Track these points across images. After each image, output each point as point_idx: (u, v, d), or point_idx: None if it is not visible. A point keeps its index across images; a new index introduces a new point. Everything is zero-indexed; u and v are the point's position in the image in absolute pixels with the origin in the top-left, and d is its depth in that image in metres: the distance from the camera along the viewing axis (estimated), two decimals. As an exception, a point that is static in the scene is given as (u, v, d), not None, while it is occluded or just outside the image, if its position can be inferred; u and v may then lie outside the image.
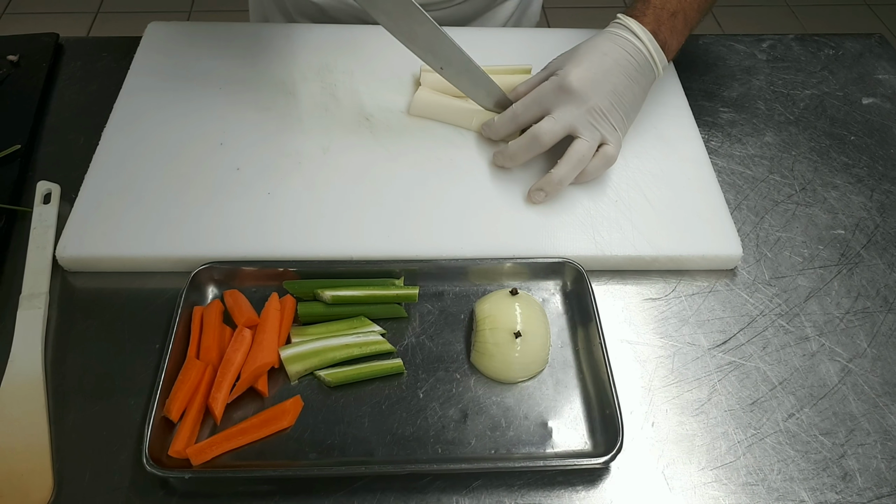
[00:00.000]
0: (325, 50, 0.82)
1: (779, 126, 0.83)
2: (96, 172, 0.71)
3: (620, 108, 0.70)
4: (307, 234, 0.67)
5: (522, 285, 0.66)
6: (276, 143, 0.74)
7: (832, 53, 0.93)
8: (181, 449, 0.53)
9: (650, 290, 0.67)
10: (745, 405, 0.60)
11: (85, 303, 0.64)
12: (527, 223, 0.69)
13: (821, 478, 0.56)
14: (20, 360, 0.59)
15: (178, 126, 0.75)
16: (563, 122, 0.68)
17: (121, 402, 0.57)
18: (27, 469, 0.53)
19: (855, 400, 0.60)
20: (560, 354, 0.61)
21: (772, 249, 0.71)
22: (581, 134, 0.68)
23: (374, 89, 0.81)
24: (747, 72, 0.90)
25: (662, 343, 0.63)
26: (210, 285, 0.64)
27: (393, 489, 0.54)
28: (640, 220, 0.70)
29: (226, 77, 0.81)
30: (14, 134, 0.75)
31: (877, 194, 0.77)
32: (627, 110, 0.71)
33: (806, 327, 0.65)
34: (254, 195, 0.70)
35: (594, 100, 0.68)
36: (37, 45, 0.86)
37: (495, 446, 0.56)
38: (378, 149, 0.75)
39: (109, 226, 0.67)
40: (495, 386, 0.59)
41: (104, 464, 0.54)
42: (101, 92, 0.81)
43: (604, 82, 0.68)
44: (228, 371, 0.57)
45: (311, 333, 0.60)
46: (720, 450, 0.57)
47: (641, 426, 0.58)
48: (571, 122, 0.68)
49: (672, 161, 0.75)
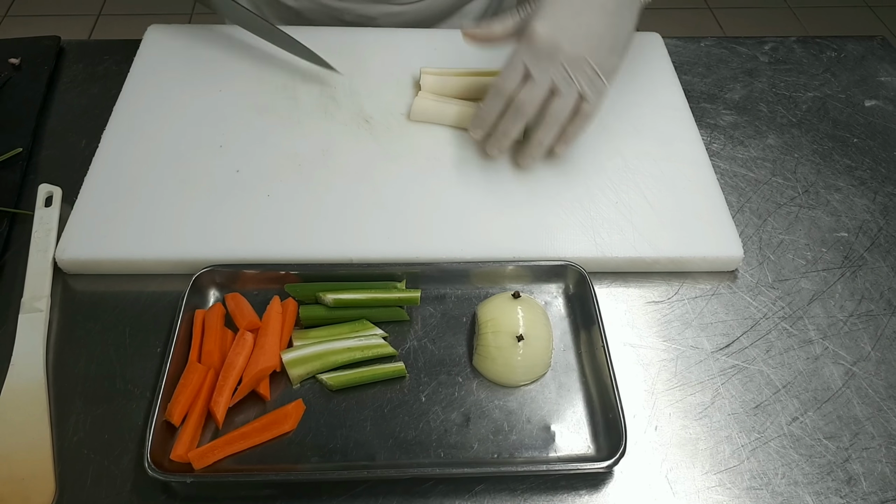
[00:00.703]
0: (324, 52, 0.82)
1: (781, 128, 0.83)
2: (96, 175, 0.71)
3: (600, 52, 0.64)
4: (307, 236, 0.67)
5: (525, 288, 0.65)
6: (276, 146, 0.74)
7: (834, 56, 0.93)
8: (183, 453, 0.53)
9: (653, 293, 0.67)
10: (748, 409, 0.59)
11: (86, 306, 0.64)
12: (527, 224, 0.69)
13: (825, 482, 0.56)
14: (22, 364, 0.59)
15: (178, 128, 0.75)
16: (542, 83, 0.64)
17: (122, 405, 0.57)
18: (29, 473, 0.53)
19: (859, 403, 0.60)
20: (563, 358, 0.61)
21: (775, 252, 0.71)
22: (558, 90, 0.64)
23: (373, 91, 0.81)
24: (749, 74, 0.90)
25: (665, 346, 0.63)
26: (211, 288, 0.63)
27: (395, 493, 0.54)
28: (641, 221, 0.70)
29: (226, 80, 0.81)
30: (16, 137, 0.75)
31: (880, 197, 0.76)
32: (609, 51, 0.65)
33: (809, 330, 0.65)
34: (254, 197, 0.69)
35: (567, 49, 0.63)
36: (38, 48, 0.86)
37: (498, 450, 0.56)
38: (378, 150, 0.75)
39: (109, 228, 0.66)
40: (498, 390, 0.59)
41: (106, 468, 0.54)
42: (102, 95, 0.81)
43: (574, 26, 0.63)
44: (230, 375, 0.57)
45: (313, 337, 0.60)
46: (724, 454, 0.57)
47: (645, 430, 0.58)
48: (550, 80, 0.64)
49: (672, 162, 0.75)
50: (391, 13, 0.92)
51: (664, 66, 0.87)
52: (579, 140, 0.71)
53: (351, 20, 0.92)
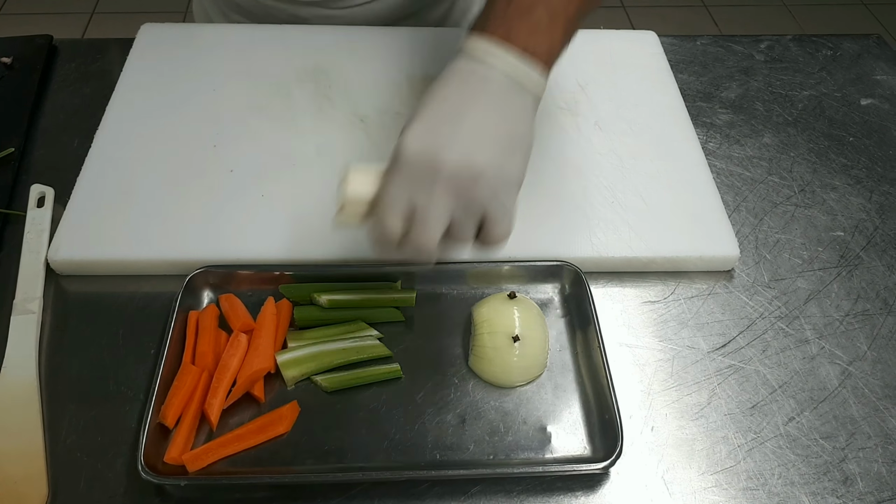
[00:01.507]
0: (319, 51, 0.82)
1: (777, 127, 0.83)
2: (89, 175, 0.70)
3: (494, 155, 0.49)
4: (302, 236, 0.66)
5: (521, 288, 0.65)
6: (270, 145, 0.74)
7: (830, 54, 0.93)
8: (177, 455, 0.52)
9: (649, 293, 0.67)
10: (744, 409, 0.59)
11: (79, 307, 0.63)
12: (522, 224, 0.68)
13: (821, 482, 0.56)
14: (14, 366, 0.58)
15: (171, 128, 0.75)
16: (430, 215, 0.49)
17: (116, 408, 0.57)
18: (22, 476, 0.53)
19: (855, 403, 0.60)
20: (559, 358, 0.61)
21: (771, 251, 0.71)
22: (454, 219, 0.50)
23: (368, 90, 0.80)
24: (745, 73, 0.90)
25: (661, 346, 0.63)
26: (205, 289, 0.63)
27: (391, 495, 0.53)
28: (637, 221, 0.69)
29: (219, 79, 0.80)
30: (7, 137, 0.75)
31: (876, 195, 0.76)
32: (508, 152, 0.50)
33: (806, 330, 0.65)
34: (248, 197, 0.69)
35: (450, 160, 0.48)
36: (31, 47, 0.85)
37: (494, 451, 0.55)
38: (373, 150, 0.74)
39: (102, 229, 0.66)
40: (493, 390, 0.59)
41: (99, 470, 0.54)
42: (95, 94, 0.81)
43: (454, 130, 0.49)
44: (224, 376, 0.56)
45: (308, 338, 0.60)
46: (720, 454, 0.57)
47: (641, 430, 0.58)
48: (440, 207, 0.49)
49: (668, 161, 0.75)
50: (323, 16, 0.89)
51: (660, 65, 0.86)
52: (575, 140, 0.71)
53: (285, 19, 0.89)
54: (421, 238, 0.50)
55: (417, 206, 0.49)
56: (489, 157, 0.49)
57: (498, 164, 0.49)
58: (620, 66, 0.86)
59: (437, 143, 0.48)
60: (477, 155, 0.49)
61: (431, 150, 0.48)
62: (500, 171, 0.50)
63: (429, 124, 0.49)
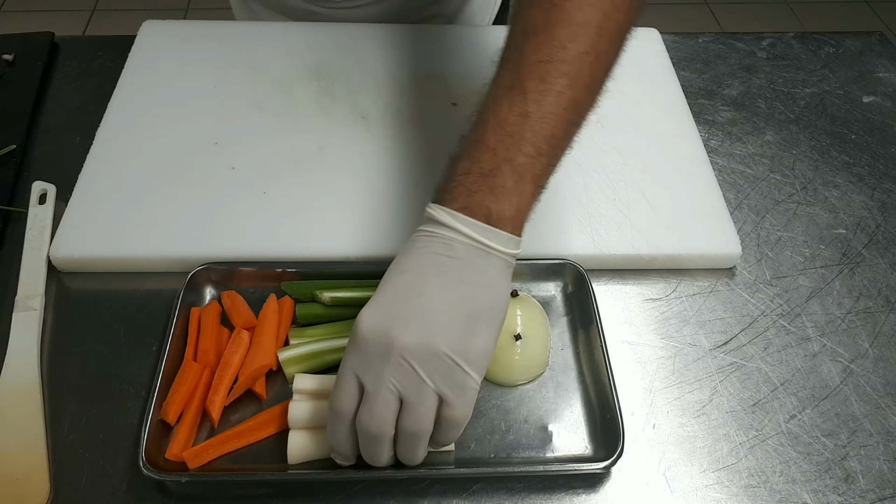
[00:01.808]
0: (321, 48, 0.82)
1: (779, 125, 0.83)
2: (91, 172, 0.70)
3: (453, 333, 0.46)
4: (304, 233, 0.66)
5: (522, 286, 0.65)
6: (271, 142, 0.74)
7: (832, 52, 0.93)
8: (178, 452, 0.52)
9: (651, 291, 0.67)
10: (746, 406, 0.59)
11: (81, 304, 0.63)
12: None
13: (823, 479, 0.55)
14: (16, 363, 0.58)
15: (173, 125, 0.75)
16: (382, 396, 0.46)
17: (117, 404, 0.57)
18: (23, 473, 0.53)
19: (857, 401, 0.60)
20: (561, 357, 0.61)
21: (773, 249, 0.71)
22: (406, 399, 0.46)
23: (370, 88, 0.80)
24: (747, 70, 0.90)
25: (663, 344, 0.63)
26: (207, 286, 0.63)
27: (392, 493, 0.53)
28: (639, 218, 0.69)
29: (221, 76, 0.80)
30: (9, 134, 0.75)
31: (878, 193, 0.76)
32: (467, 329, 0.47)
33: (807, 328, 0.65)
34: (250, 194, 0.69)
35: (402, 340, 0.45)
36: (32, 44, 0.85)
37: (495, 450, 0.55)
38: (375, 147, 0.74)
39: (104, 226, 0.66)
40: (495, 389, 0.59)
41: (101, 467, 0.54)
42: (96, 91, 0.81)
43: (409, 308, 0.47)
44: (226, 373, 0.56)
45: (310, 335, 0.60)
46: (722, 452, 0.57)
47: (643, 428, 0.58)
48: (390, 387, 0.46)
49: (670, 159, 0.75)
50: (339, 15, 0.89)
51: (662, 63, 0.86)
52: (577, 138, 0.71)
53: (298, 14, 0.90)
54: (365, 419, 0.46)
55: (366, 387, 0.46)
56: (444, 334, 0.46)
57: (455, 341, 0.46)
58: (622, 64, 0.85)
59: (389, 320, 0.46)
60: (431, 332, 0.46)
61: (383, 328, 0.46)
62: (456, 349, 0.46)
63: (384, 301, 0.47)
